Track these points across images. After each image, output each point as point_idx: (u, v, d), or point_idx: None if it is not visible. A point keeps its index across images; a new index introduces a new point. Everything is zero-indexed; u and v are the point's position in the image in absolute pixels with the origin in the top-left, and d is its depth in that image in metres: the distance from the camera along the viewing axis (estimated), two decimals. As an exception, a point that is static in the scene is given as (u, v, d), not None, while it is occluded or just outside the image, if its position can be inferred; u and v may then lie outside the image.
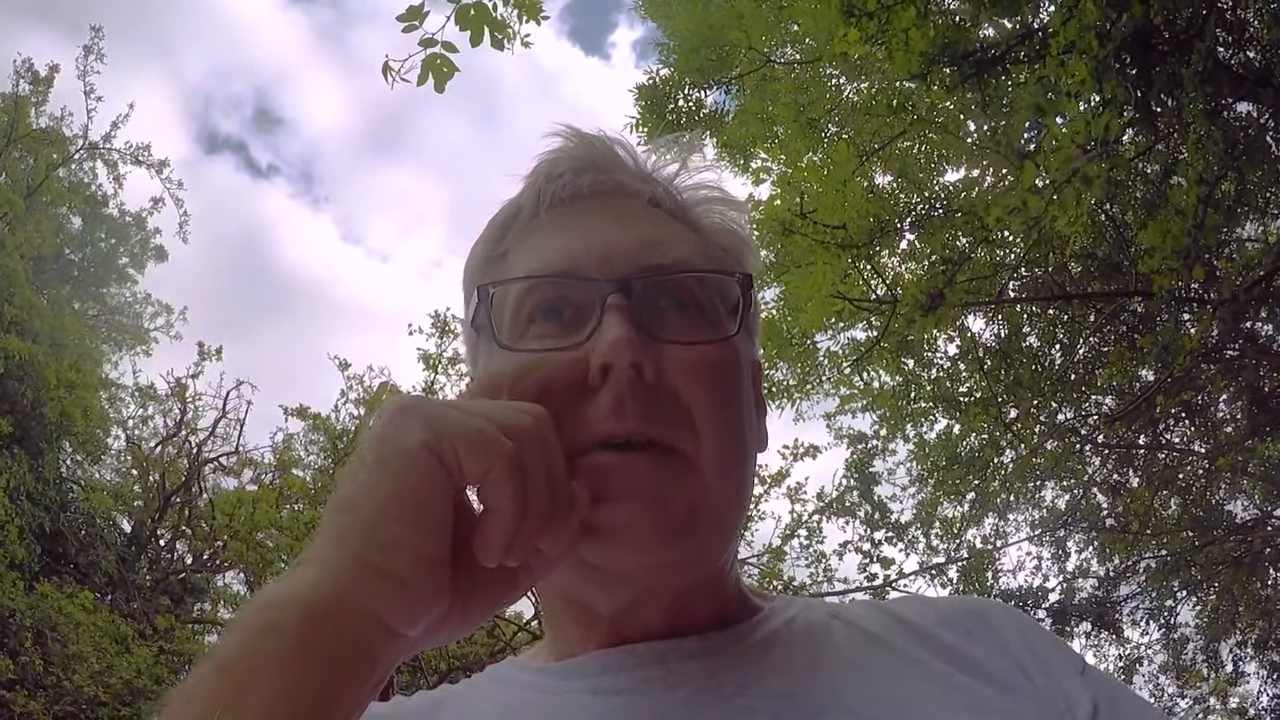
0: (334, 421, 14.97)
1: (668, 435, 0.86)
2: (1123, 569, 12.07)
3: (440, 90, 4.41)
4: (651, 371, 0.86)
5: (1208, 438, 10.91)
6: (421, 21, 4.31)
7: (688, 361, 0.89)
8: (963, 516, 12.76)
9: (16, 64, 18.63)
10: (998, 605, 1.02)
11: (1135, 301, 9.28)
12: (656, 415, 0.86)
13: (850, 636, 0.95)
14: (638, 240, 0.94)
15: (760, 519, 13.76)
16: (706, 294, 0.94)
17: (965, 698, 0.86)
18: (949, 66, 6.57)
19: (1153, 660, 13.26)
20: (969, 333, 10.81)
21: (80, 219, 21.81)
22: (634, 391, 0.85)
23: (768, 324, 10.32)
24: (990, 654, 0.91)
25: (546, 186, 0.98)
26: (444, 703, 0.96)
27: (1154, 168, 7.66)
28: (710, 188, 1.03)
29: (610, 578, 0.88)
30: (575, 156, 0.99)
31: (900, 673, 0.89)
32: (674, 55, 10.36)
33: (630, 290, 0.88)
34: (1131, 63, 5.90)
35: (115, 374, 20.28)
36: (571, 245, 0.93)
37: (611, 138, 1.01)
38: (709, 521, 0.88)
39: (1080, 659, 0.95)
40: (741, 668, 0.89)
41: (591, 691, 0.89)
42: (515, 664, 1.01)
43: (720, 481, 0.89)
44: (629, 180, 0.99)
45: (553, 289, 0.92)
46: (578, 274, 0.91)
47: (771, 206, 8.11)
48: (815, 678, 0.88)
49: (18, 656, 13.15)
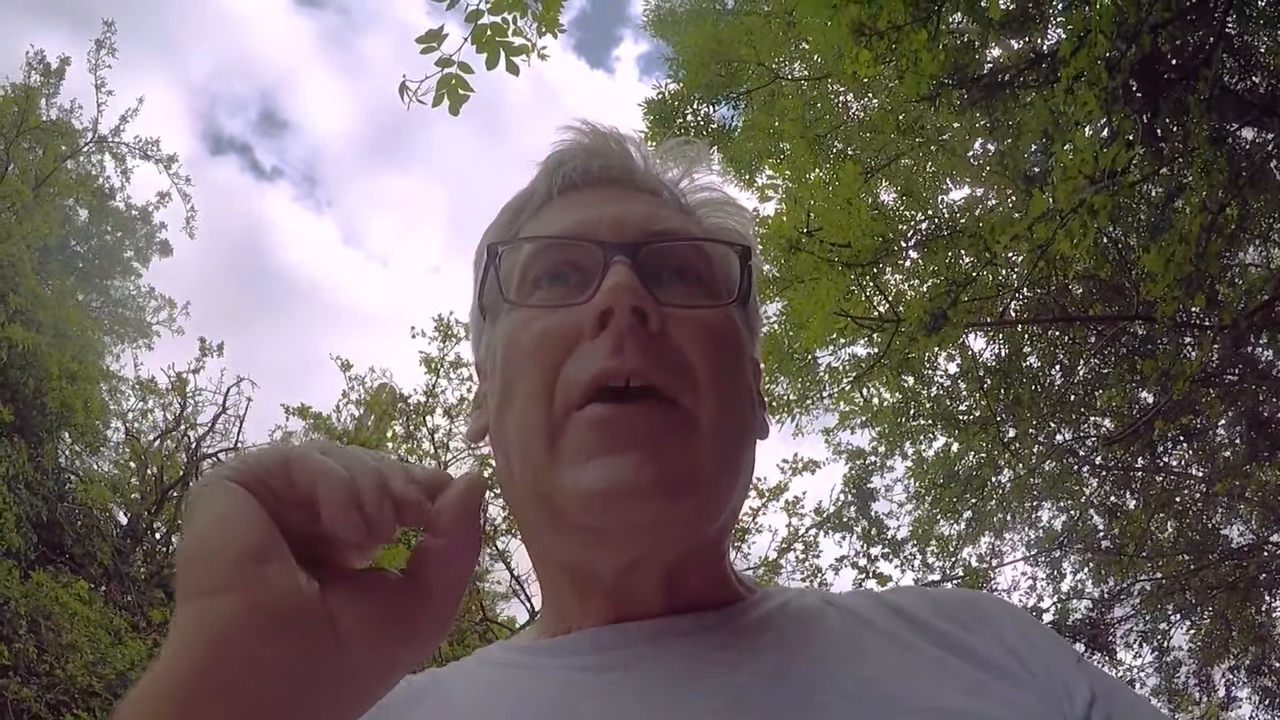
0: (334, 422, 14.96)
1: (670, 384, 0.87)
2: (1118, 591, 12.03)
3: (455, 113, 4.40)
4: (656, 321, 0.87)
5: (1206, 462, 10.90)
6: (440, 44, 4.32)
7: (690, 321, 0.90)
8: (959, 535, 12.75)
9: (28, 55, 18.67)
10: (993, 598, 1.02)
11: (1136, 324, 9.29)
12: (659, 360, 0.86)
13: (844, 621, 0.94)
14: (645, 213, 0.96)
15: (757, 532, 13.77)
16: (709, 270, 0.96)
17: (960, 682, 0.85)
18: (958, 89, 6.59)
19: (1145, 683, 13.20)
20: (969, 352, 10.82)
21: (87, 211, 21.80)
22: (635, 335, 0.86)
23: (770, 338, 10.35)
24: (986, 643, 0.90)
25: (559, 170, 1.01)
26: (428, 688, 0.95)
27: (1158, 191, 7.67)
28: (715, 190, 1.05)
29: (608, 537, 0.87)
30: (588, 146, 1.02)
31: (894, 656, 0.88)
32: (682, 70, 10.37)
33: (635, 254, 0.90)
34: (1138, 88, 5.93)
35: (116, 366, 20.26)
36: (583, 216, 0.95)
37: (625, 134, 1.04)
38: (708, 481, 0.88)
39: (1076, 651, 0.94)
40: (733, 646, 0.88)
41: (580, 668, 0.88)
42: (503, 645, 1.01)
43: (720, 444, 0.89)
44: (638, 173, 1.02)
45: (560, 252, 0.94)
46: (586, 237, 0.92)
47: (777, 223, 8.13)
48: (807, 658, 0.88)
49: (12, 644, 13.14)
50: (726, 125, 10.67)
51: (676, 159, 1.05)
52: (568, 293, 0.92)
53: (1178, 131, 6.26)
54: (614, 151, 1.02)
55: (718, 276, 0.97)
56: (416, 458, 14.38)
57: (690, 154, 1.05)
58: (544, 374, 0.88)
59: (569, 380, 0.87)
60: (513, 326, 0.93)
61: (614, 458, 0.84)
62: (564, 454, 0.86)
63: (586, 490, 0.84)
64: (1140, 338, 9.53)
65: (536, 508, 0.90)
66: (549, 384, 0.88)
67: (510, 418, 0.91)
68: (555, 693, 0.87)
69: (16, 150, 18.21)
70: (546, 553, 0.95)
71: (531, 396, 0.89)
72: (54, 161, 18.94)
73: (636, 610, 0.91)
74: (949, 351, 10.59)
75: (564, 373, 0.87)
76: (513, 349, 0.92)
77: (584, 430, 0.85)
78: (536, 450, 0.88)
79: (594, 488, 0.84)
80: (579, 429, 0.86)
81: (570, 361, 0.87)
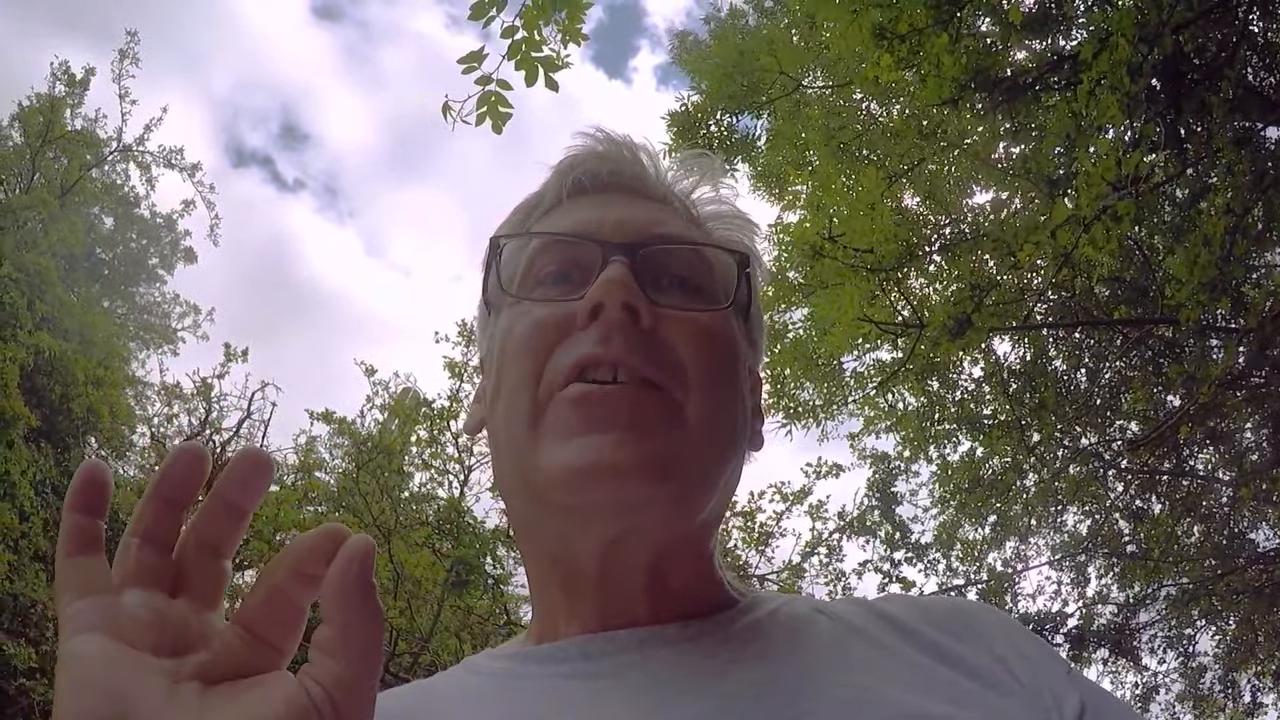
0: (359, 426, 15.02)
1: (658, 376, 0.87)
2: (1142, 596, 11.97)
3: (498, 131, 4.40)
4: (648, 319, 0.87)
5: (1232, 465, 10.83)
6: (480, 63, 4.33)
7: (684, 321, 0.90)
8: (984, 539, 12.70)
9: (53, 66, 18.83)
10: (983, 606, 1.00)
11: (1162, 328, 9.23)
12: (649, 356, 0.86)
13: (834, 629, 0.93)
14: (649, 218, 0.97)
15: (781, 535, 13.77)
16: (710, 279, 0.96)
17: (948, 690, 0.84)
18: (980, 92, 6.57)
19: (1170, 689, 13.14)
20: (994, 356, 10.78)
21: (112, 219, 22.00)
22: (624, 330, 0.86)
23: (795, 344, 10.34)
24: (975, 652, 0.89)
25: (569, 174, 1.01)
26: (413, 699, 0.95)
27: (1184, 192, 7.63)
28: (726, 204, 1.05)
29: (587, 517, 0.86)
30: (600, 152, 1.02)
31: (883, 664, 0.87)
32: (705, 82, 10.38)
33: (633, 254, 0.90)
34: (1161, 89, 5.89)
35: (142, 372, 20.47)
36: (588, 217, 0.96)
37: (638, 143, 1.04)
38: (692, 471, 0.87)
39: (1066, 662, 0.94)
40: (721, 655, 0.88)
41: (567, 676, 0.87)
42: (490, 653, 1.00)
43: (705, 439, 0.88)
44: (648, 181, 1.02)
45: (562, 250, 0.95)
46: (588, 236, 0.93)
47: (800, 229, 8.12)
48: (796, 666, 0.87)
49: (39, 646, 13.28)
50: (750, 135, 10.64)
51: (689, 170, 1.05)
52: (568, 290, 0.93)
53: (1201, 132, 6.22)
54: (625, 159, 1.02)
55: (719, 286, 0.97)
56: (441, 462, 14.44)
57: (704, 166, 1.06)
58: (534, 361, 0.89)
59: (555, 365, 0.87)
60: (511, 319, 0.94)
61: (595, 436, 0.84)
62: (545, 433, 0.87)
63: (564, 466, 0.84)
64: (1166, 341, 9.47)
65: (522, 494, 0.90)
66: (537, 370, 0.89)
67: (499, 406, 0.92)
68: (542, 701, 0.86)
69: (42, 159, 18.37)
70: (534, 545, 0.95)
71: (520, 382, 0.90)
72: (79, 170, 19.10)
73: (622, 608, 0.90)
74: (973, 356, 10.56)
75: (552, 359, 0.88)
76: (508, 340, 0.93)
77: (565, 408, 0.86)
78: (519, 433, 0.89)
79: (572, 464, 0.83)
80: (560, 408, 0.86)
81: (559, 349, 0.88)
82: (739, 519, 13.90)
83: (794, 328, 10.41)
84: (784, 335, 10.59)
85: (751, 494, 13.92)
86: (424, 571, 12.70)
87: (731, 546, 13.74)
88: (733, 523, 13.87)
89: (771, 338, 10.54)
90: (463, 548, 12.81)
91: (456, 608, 13.11)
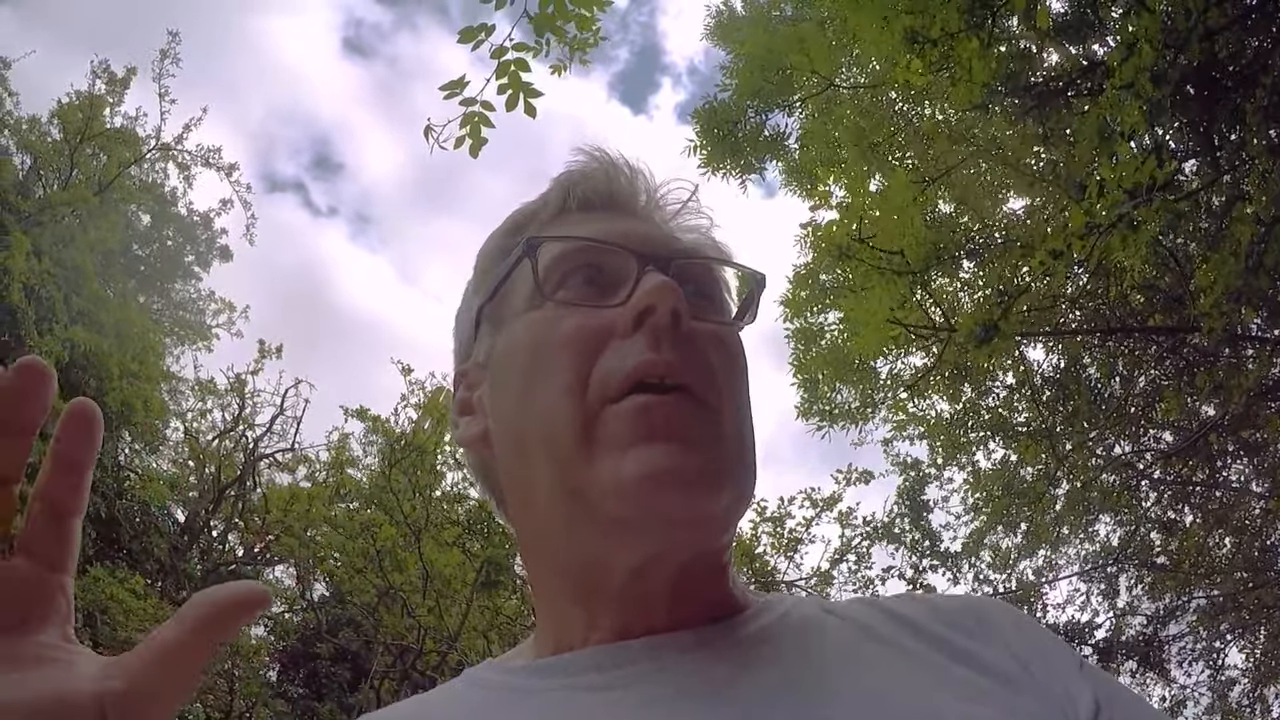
0: (392, 424, 15.07)
1: (698, 383, 0.87)
2: (1173, 608, 11.88)
3: (475, 155, 4.48)
4: (687, 322, 0.88)
5: (1266, 477, 10.72)
6: (462, 90, 4.41)
7: (709, 331, 0.91)
8: (1015, 548, 12.62)
9: (93, 64, 19.02)
10: (995, 603, 0.99)
11: (1196, 336, 9.14)
12: (690, 361, 0.87)
13: (844, 630, 0.92)
14: (666, 235, 0.98)
15: (810, 542, 13.76)
16: (719, 294, 0.98)
17: (963, 688, 0.84)
18: (1011, 97, 6.52)
19: (1199, 702, 13.03)
20: (1026, 363, 10.70)
21: (149, 216, 22.20)
22: (670, 335, 0.86)
23: (831, 347, 10.30)
24: (988, 648, 0.88)
25: (576, 186, 1.01)
26: (411, 713, 0.94)
27: (1219, 200, 7.55)
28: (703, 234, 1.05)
29: (639, 530, 0.85)
30: (601, 170, 1.02)
31: (895, 664, 0.87)
32: (734, 79, 10.35)
33: (666, 266, 0.91)
34: (1194, 96, 5.83)
35: (176, 367, 20.64)
36: (609, 227, 0.96)
37: (634, 166, 1.04)
38: (739, 482, 0.88)
39: (1079, 656, 0.92)
40: (734, 660, 0.86)
41: (576, 688, 0.86)
42: (493, 665, 0.98)
43: (738, 448, 0.89)
44: (650, 200, 1.03)
45: (592, 256, 0.94)
46: (624, 245, 0.93)
47: (829, 231, 8.09)
48: (806, 668, 0.86)
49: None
50: (780, 132, 10.58)
51: (671, 198, 1.05)
52: (597, 295, 0.92)
53: (1235, 140, 6.15)
54: (624, 177, 1.03)
55: (727, 303, 0.99)
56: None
57: (683, 195, 1.06)
58: (577, 369, 0.88)
59: (605, 372, 0.86)
60: (537, 324, 0.93)
61: (655, 446, 0.83)
62: (600, 444, 0.85)
63: (630, 476, 0.82)
64: (1201, 350, 9.37)
65: (556, 506, 0.89)
66: (582, 378, 0.87)
67: (532, 415, 0.90)
68: (549, 715, 0.85)
69: (81, 156, 18.57)
70: (554, 559, 0.94)
71: (563, 391, 0.88)
72: (118, 168, 19.29)
73: (642, 620, 0.89)
74: (1005, 364, 10.49)
75: (599, 367, 0.87)
76: (540, 346, 0.91)
77: (623, 420, 0.84)
78: (567, 443, 0.87)
79: (638, 473, 0.82)
80: (617, 419, 0.85)
81: (604, 357, 0.87)
82: (768, 524, 13.91)
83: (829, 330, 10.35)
84: (819, 338, 10.53)
85: (781, 500, 13.94)
86: (453, 571, 12.76)
87: (760, 552, 13.74)
88: (761, 529, 13.88)
89: (806, 340, 10.52)
90: (493, 548, 12.84)
91: (485, 608, 13.16)
